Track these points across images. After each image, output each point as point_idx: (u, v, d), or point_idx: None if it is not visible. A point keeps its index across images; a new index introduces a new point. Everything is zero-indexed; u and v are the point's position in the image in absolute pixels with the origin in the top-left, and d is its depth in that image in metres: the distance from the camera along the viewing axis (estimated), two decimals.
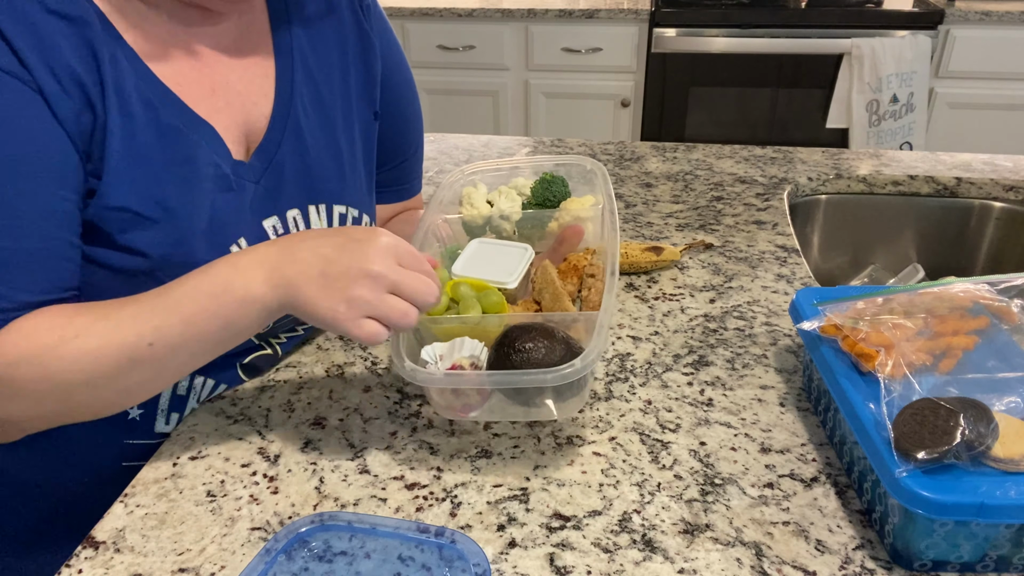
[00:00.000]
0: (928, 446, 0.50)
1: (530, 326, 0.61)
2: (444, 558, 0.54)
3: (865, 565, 0.54)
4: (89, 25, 0.58)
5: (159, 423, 0.69)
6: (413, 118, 0.88)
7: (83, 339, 0.55)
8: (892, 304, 0.64)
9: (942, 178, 1.22)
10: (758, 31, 2.43)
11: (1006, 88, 2.46)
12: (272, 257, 0.58)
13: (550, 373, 0.56)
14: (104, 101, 0.58)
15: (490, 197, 0.80)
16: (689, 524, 0.58)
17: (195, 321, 0.57)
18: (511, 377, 0.58)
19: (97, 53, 0.58)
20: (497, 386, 0.60)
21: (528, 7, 2.53)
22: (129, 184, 0.60)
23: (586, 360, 0.56)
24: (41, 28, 0.55)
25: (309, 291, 0.56)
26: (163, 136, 0.62)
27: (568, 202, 0.77)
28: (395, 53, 0.83)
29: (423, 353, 0.61)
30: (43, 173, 0.56)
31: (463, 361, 0.60)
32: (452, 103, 2.76)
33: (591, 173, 0.81)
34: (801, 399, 0.72)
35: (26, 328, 0.55)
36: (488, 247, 0.74)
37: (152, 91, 0.62)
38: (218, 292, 0.57)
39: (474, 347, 0.61)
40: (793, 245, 1.01)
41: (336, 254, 0.57)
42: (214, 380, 0.72)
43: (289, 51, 0.72)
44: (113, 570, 0.56)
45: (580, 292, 0.69)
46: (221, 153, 0.66)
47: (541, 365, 0.58)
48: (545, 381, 0.57)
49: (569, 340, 0.61)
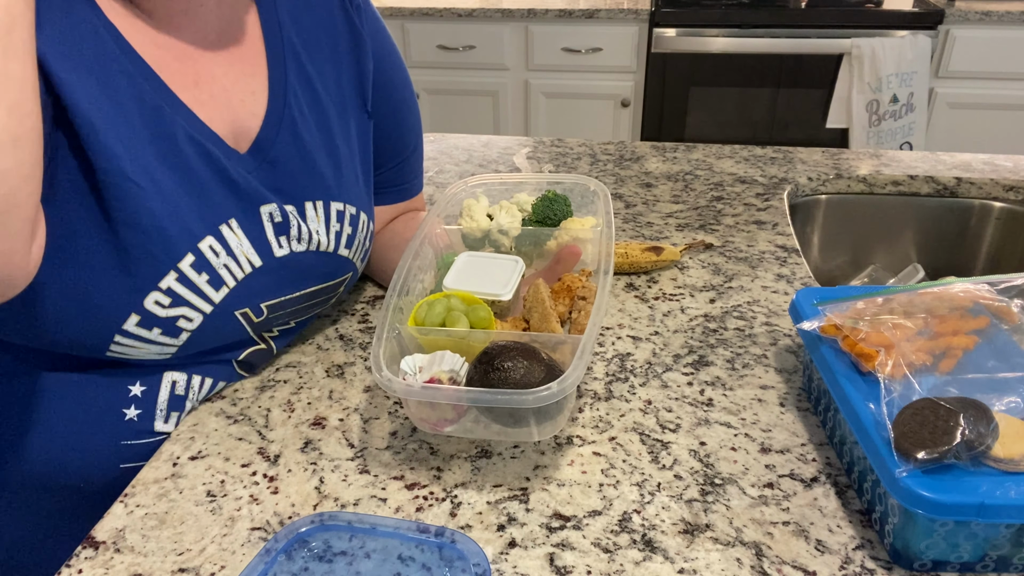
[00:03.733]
0: (928, 446, 0.50)
1: (512, 345, 0.60)
2: (444, 558, 0.54)
3: (865, 565, 0.55)
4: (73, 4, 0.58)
5: (157, 423, 0.70)
6: (410, 118, 0.88)
7: None
8: (892, 304, 0.64)
9: (942, 178, 1.22)
10: (758, 31, 2.43)
11: (1006, 88, 2.46)
12: None
13: (527, 395, 0.55)
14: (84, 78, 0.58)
15: (491, 211, 0.80)
16: (689, 524, 0.58)
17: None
18: (487, 395, 0.56)
19: (79, 28, 0.58)
20: (473, 403, 0.59)
21: (528, 7, 2.53)
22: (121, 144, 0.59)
23: (563, 384, 0.55)
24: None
25: None
26: (145, 111, 0.61)
27: (569, 222, 0.78)
28: (389, 53, 0.83)
29: (402, 363, 0.61)
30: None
31: (442, 375, 0.60)
32: (452, 103, 2.77)
33: (594, 194, 0.80)
34: (801, 399, 0.72)
35: None
36: (478, 259, 0.74)
37: (135, 67, 0.61)
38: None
39: (454, 362, 0.61)
40: (793, 245, 1.01)
41: None
42: (212, 379, 0.72)
43: (280, 49, 0.72)
44: (113, 570, 0.56)
45: (571, 314, 0.69)
46: (207, 135, 0.65)
47: (520, 385, 0.57)
48: (521, 402, 0.55)
49: (551, 362, 0.60)
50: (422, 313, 0.66)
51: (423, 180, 0.96)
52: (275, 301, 0.72)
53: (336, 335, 0.83)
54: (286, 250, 0.71)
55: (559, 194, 0.80)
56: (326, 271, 0.76)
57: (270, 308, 0.72)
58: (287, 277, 0.72)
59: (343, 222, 0.75)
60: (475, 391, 0.57)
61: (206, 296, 0.67)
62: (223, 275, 0.67)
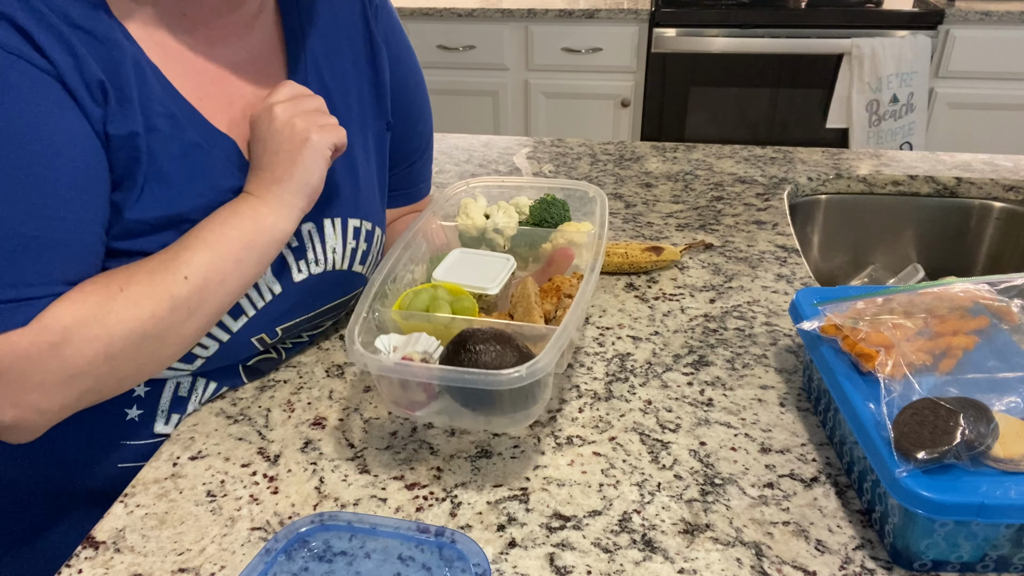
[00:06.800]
0: (928, 446, 0.50)
1: (486, 330, 0.60)
2: (444, 558, 0.54)
3: (865, 565, 0.54)
4: (115, 42, 0.59)
5: (159, 424, 0.69)
6: (423, 122, 0.88)
7: (127, 290, 0.57)
8: (892, 304, 0.64)
9: (942, 178, 1.22)
10: (758, 31, 2.43)
11: (1006, 88, 2.46)
12: (262, 193, 0.65)
13: (495, 375, 0.55)
14: (129, 116, 0.59)
15: (488, 210, 0.80)
16: (689, 524, 0.58)
17: (218, 246, 0.61)
18: (455, 374, 0.56)
19: (123, 69, 0.59)
20: (441, 382, 0.59)
21: (528, 7, 2.53)
22: (150, 200, 0.61)
23: (533, 368, 0.55)
24: (69, 39, 0.56)
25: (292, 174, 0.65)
26: (185, 153, 0.63)
27: (565, 225, 0.78)
28: (405, 55, 0.83)
29: (377, 342, 0.61)
30: (81, 167, 0.57)
31: (415, 355, 0.60)
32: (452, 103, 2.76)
33: (593, 200, 0.80)
34: (801, 399, 0.72)
35: (72, 296, 0.56)
36: (470, 256, 0.74)
37: (176, 106, 0.63)
38: (234, 219, 0.63)
39: (429, 343, 0.61)
40: (793, 245, 1.01)
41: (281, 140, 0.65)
42: (216, 382, 0.72)
43: (303, 66, 0.72)
44: (113, 570, 0.56)
45: (556, 312, 0.69)
46: (242, 164, 0.67)
47: (489, 368, 0.56)
48: (488, 383, 0.55)
49: (526, 351, 0.59)
50: (407, 300, 0.66)
51: (431, 184, 0.95)
52: (290, 324, 0.73)
53: (336, 335, 0.83)
54: (304, 274, 0.71)
55: (557, 198, 0.80)
56: (340, 289, 0.76)
57: (285, 330, 0.73)
58: (303, 300, 0.73)
59: (359, 239, 0.75)
60: (444, 369, 0.57)
61: (225, 326, 0.67)
62: (243, 304, 0.68)
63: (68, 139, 0.56)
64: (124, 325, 0.57)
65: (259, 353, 0.74)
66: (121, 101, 0.59)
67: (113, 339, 0.56)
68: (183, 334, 0.61)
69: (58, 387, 0.55)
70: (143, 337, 0.58)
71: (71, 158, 0.56)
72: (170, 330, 0.59)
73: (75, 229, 0.57)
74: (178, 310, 0.59)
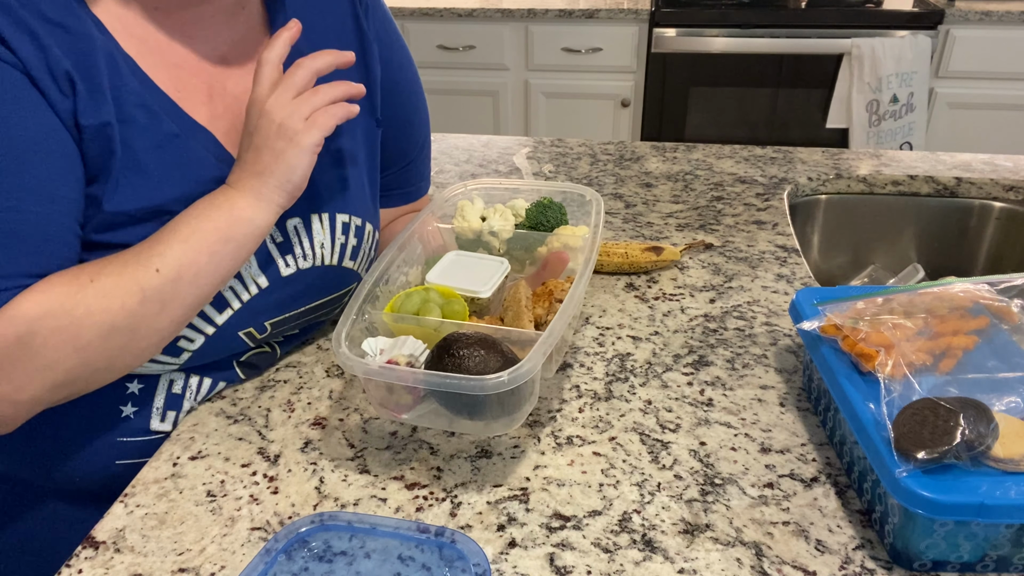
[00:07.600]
0: (928, 446, 0.50)
1: (472, 335, 0.60)
2: (444, 558, 0.54)
3: (865, 565, 0.55)
4: (86, 34, 0.59)
5: (154, 421, 0.69)
6: (417, 120, 0.87)
7: (97, 282, 0.57)
8: (892, 304, 0.64)
9: (942, 178, 1.22)
10: (758, 31, 2.43)
11: (1006, 88, 2.46)
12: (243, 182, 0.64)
13: (478, 381, 0.55)
14: (101, 106, 0.59)
15: (484, 213, 0.80)
16: (689, 524, 0.58)
17: (192, 239, 0.60)
18: (438, 379, 0.57)
19: (93, 60, 0.59)
20: (424, 386, 0.59)
21: (528, 7, 2.53)
22: (128, 191, 0.61)
23: (515, 373, 0.55)
24: (38, 31, 0.56)
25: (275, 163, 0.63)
26: (162, 144, 0.62)
27: (561, 229, 0.78)
28: (398, 54, 0.83)
29: (364, 344, 0.61)
30: (48, 159, 0.56)
31: (401, 358, 0.60)
32: (452, 103, 2.76)
33: (591, 204, 0.80)
34: (801, 399, 0.72)
35: (39, 288, 0.55)
36: (465, 259, 0.74)
37: (152, 97, 0.62)
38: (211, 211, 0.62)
39: (415, 347, 0.61)
40: (793, 245, 1.01)
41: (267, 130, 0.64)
42: (211, 379, 0.72)
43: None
44: (113, 570, 0.56)
45: (548, 316, 0.69)
46: (221, 156, 0.66)
47: (474, 374, 0.57)
48: (471, 388, 0.55)
49: (511, 355, 0.60)
50: (399, 303, 0.66)
51: (429, 182, 0.95)
52: (279, 319, 0.73)
53: None
54: (292, 268, 0.71)
55: (555, 201, 0.80)
56: (330, 285, 0.76)
57: (274, 325, 0.73)
58: (291, 295, 0.72)
59: (348, 234, 0.75)
60: (428, 373, 0.57)
61: (208, 318, 0.67)
62: (227, 297, 0.67)
63: (34, 132, 0.56)
64: (93, 317, 0.56)
65: (250, 348, 0.74)
66: (91, 91, 0.58)
67: (82, 331, 0.56)
68: (156, 327, 0.60)
69: (28, 379, 0.55)
70: (113, 329, 0.57)
71: (37, 151, 0.56)
72: (142, 323, 0.59)
73: (43, 221, 0.56)
74: (150, 302, 0.59)
